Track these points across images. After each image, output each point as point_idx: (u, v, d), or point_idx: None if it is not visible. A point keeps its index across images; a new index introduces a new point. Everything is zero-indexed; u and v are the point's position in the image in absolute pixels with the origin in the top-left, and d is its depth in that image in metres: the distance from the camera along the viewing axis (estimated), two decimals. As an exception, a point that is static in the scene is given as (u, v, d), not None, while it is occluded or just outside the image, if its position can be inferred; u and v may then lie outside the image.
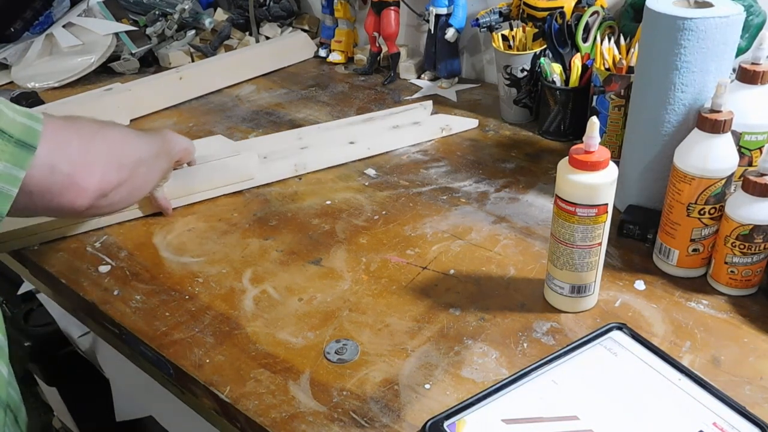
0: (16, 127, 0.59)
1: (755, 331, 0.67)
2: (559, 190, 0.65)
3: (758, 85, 0.71)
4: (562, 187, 0.64)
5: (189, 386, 0.67)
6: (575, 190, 0.63)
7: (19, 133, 0.59)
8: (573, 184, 0.63)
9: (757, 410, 0.57)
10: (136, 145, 0.75)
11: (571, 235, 0.65)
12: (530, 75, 1.09)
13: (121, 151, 0.72)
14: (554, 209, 0.66)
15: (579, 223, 0.64)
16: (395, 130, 1.10)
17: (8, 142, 0.57)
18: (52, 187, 0.63)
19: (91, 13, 1.46)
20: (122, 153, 0.72)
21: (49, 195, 0.63)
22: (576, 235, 0.65)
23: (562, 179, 0.64)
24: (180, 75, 1.28)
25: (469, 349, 0.66)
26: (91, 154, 0.67)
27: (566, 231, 0.65)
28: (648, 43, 0.77)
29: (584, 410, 0.58)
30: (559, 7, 1.05)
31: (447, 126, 1.11)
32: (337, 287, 0.75)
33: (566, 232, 0.65)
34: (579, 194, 0.63)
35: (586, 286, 0.68)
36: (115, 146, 0.71)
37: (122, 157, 0.72)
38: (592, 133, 0.62)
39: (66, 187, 0.64)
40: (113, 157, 0.70)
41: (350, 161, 1.03)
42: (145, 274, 0.79)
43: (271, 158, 1.02)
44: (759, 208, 0.67)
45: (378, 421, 0.58)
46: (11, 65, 1.42)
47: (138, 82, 1.27)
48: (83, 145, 0.66)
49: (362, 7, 1.42)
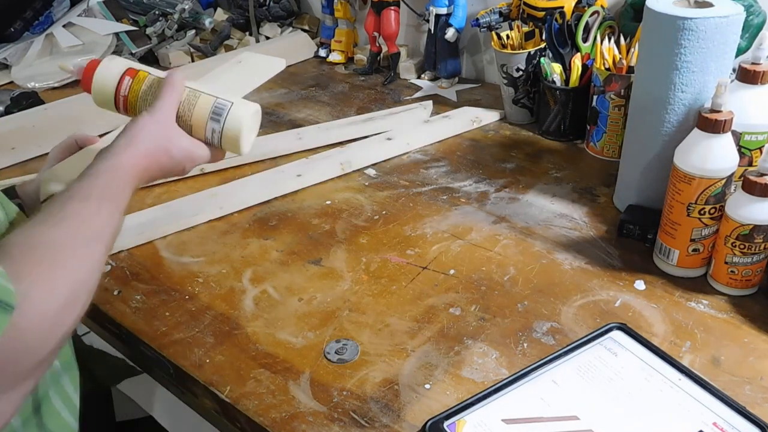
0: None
1: (755, 331, 0.67)
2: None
3: (758, 85, 0.71)
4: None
5: (189, 386, 0.67)
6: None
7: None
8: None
9: (757, 410, 0.57)
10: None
11: None
12: (526, 74, 1.09)
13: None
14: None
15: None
16: (427, 124, 1.11)
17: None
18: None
19: (91, 13, 1.46)
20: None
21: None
22: None
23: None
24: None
25: (469, 349, 0.66)
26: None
27: None
28: (648, 43, 0.77)
29: (584, 410, 0.58)
30: (559, 7, 1.05)
31: (477, 118, 1.13)
32: (337, 287, 0.75)
33: None
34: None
35: None
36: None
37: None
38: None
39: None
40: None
41: (390, 157, 1.04)
42: (145, 274, 0.79)
43: (315, 159, 1.02)
44: (759, 208, 0.67)
45: (378, 421, 0.58)
46: (11, 65, 1.42)
47: (138, 82, 1.27)
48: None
49: (362, 7, 1.42)
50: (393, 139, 1.06)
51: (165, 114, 0.63)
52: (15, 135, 1.09)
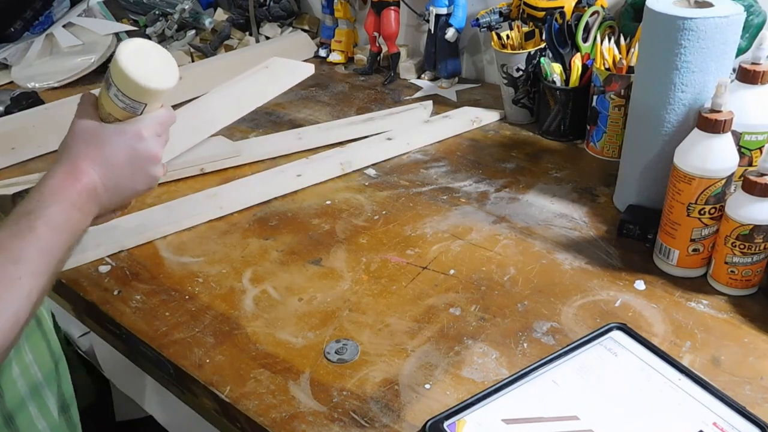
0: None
1: (755, 331, 0.67)
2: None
3: (758, 85, 0.71)
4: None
5: (189, 386, 0.67)
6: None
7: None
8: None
9: (757, 410, 0.57)
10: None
11: None
12: (526, 74, 1.09)
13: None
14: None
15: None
16: (427, 124, 1.11)
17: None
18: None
19: (91, 13, 1.46)
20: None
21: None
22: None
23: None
24: (180, 75, 1.28)
25: (469, 349, 0.66)
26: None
27: None
28: (648, 43, 0.77)
29: (584, 410, 0.58)
30: (559, 7, 1.05)
31: (477, 118, 1.13)
32: (337, 287, 0.75)
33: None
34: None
35: None
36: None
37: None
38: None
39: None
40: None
41: (390, 157, 1.04)
42: (145, 274, 0.79)
43: (315, 159, 1.02)
44: (759, 208, 0.67)
45: (378, 421, 0.58)
46: (11, 65, 1.42)
47: (138, 82, 1.27)
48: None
49: (362, 7, 1.42)
50: (393, 139, 1.06)
51: (79, 122, 0.60)
52: (15, 135, 1.08)
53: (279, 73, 1.05)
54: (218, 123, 1.03)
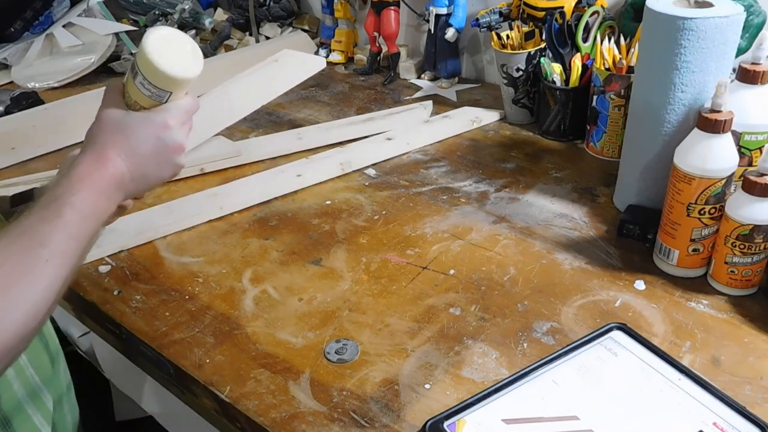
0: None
1: (755, 331, 0.67)
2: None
3: (758, 85, 0.71)
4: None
5: (189, 386, 0.67)
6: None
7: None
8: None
9: (757, 410, 0.57)
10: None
11: None
12: (526, 74, 1.09)
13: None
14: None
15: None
16: (427, 124, 1.11)
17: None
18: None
19: (91, 13, 1.46)
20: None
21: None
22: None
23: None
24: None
25: (469, 349, 0.66)
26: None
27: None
28: (648, 43, 0.77)
29: (584, 410, 0.58)
30: (559, 7, 1.05)
31: (477, 118, 1.13)
32: (337, 287, 0.75)
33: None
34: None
35: None
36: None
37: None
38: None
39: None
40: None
41: (390, 157, 1.04)
42: (145, 274, 0.79)
43: (315, 159, 1.02)
44: (759, 208, 0.67)
45: (378, 421, 0.58)
46: (11, 65, 1.42)
47: (138, 82, 1.27)
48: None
49: (362, 7, 1.42)
50: (393, 139, 1.06)
51: (107, 111, 0.60)
52: (15, 135, 1.08)
53: (289, 67, 1.05)
54: (237, 113, 1.03)
